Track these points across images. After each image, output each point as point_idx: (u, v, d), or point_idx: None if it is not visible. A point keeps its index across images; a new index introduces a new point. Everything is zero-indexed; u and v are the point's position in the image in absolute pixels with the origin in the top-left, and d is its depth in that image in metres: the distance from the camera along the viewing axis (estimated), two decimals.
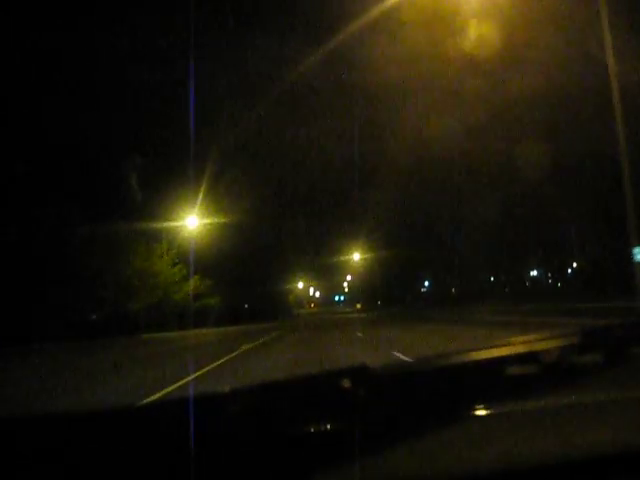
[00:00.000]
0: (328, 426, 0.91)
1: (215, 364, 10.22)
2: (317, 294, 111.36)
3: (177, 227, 33.92)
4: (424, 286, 77.56)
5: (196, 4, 19.46)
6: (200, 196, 33.04)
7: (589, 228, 35.98)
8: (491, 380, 1.02)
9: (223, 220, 35.04)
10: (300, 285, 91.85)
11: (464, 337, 12.80)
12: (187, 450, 0.80)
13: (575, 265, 50.06)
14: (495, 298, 43.17)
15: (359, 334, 17.25)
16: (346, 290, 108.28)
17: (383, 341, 13.35)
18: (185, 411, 0.86)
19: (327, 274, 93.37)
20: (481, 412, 0.98)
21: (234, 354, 12.35)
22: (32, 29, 23.64)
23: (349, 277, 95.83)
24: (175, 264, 33.44)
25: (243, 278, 49.70)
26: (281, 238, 66.07)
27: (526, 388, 1.02)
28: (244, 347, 14.37)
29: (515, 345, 1.15)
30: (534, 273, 60.88)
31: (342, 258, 61.93)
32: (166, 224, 32.33)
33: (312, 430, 0.90)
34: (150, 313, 34.06)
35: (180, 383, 7.64)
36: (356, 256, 59.73)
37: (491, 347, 1.10)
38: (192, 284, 33.77)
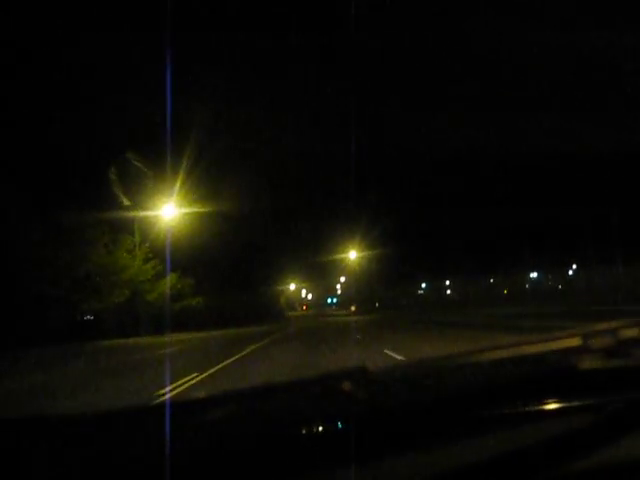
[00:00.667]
0: (320, 428, 0.89)
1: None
2: (309, 296, 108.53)
3: (151, 217, 29.66)
4: (421, 288, 75.15)
5: None
6: (178, 183, 28.89)
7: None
8: (493, 382, 1.00)
9: (205, 210, 30.66)
10: (292, 286, 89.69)
11: None
12: (163, 459, 0.78)
13: (575, 267, 50.06)
14: (495, 300, 41.19)
15: (389, 352, 10.92)
16: (339, 292, 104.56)
17: None
18: (162, 418, 0.85)
19: (320, 275, 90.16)
20: (483, 415, 0.94)
21: (184, 387, 8.09)
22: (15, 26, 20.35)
23: (343, 279, 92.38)
24: (148, 259, 29.07)
25: (230, 277, 45.25)
26: (272, 236, 62.41)
27: (529, 390, 0.99)
28: (210, 371, 10.03)
29: (518, 347, 1.12)
30: (533, 275, 59.86)
31: (337, 257, 57.70)
32: (138, 213, 28.06)
33: (304, 432, 0.89)
34: (120, 315, 29.78)
35: None
36: (352, 254, 55.53)
37: (494, 348, 1.09)
38: (168, 282, 29.47)
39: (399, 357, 10.00)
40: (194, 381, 8.66)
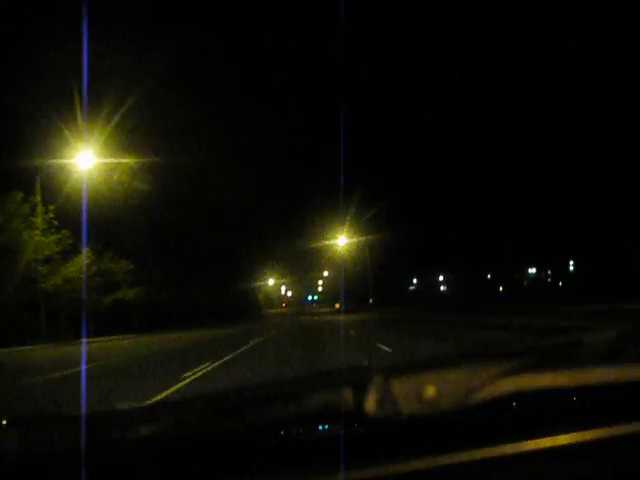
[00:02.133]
0: (312, 429, 0.88)
1: None
2: (289, 293, 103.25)
3: (63, 171, 20.29)
4: (413, 284, 68.47)
5: None
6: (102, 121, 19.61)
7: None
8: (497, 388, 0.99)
9: (140, 161, 21.31)
10: (271, 282, 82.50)
11: None
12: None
13: (572, 263, 47.48)
14: (496, 299, 38.09)
15: None
16: (320, 289, 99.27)
17: None
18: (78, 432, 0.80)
19: (300, 270, 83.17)
20: (484, 419, 0.94)
21: None
22: None
23: (326, 273, 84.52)
24: (52, 227, 19.63)
25: (190, 264, 35.82)
26: (250, 219, 53.84)
27: (531, 396, 0.98)
28: None
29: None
30: (532, 271, 56.58)
31: (321, 244, 49.03)
32: (35, 163, 18.69)
33: (287, 435, 0.87)
34: (14, 312, 20.47)
35: None
36: (342, 240, 46.70)
37: (505, 354, 1.08)
38: (83, 262, 20.07)
39: None
40: None
